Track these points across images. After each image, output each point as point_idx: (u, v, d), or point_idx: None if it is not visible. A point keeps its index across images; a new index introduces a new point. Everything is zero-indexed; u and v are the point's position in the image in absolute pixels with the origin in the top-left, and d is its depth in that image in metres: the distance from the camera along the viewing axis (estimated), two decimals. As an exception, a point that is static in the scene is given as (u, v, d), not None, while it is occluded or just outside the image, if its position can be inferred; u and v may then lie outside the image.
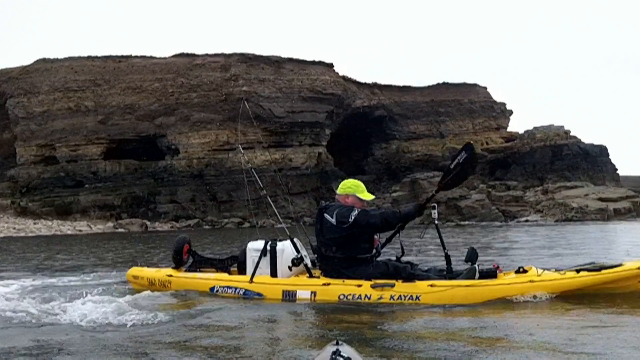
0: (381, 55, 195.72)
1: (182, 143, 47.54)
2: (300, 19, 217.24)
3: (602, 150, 53.47)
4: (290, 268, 5.67)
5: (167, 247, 17.96)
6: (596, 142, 53.84)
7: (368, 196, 5.72)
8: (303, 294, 5.44)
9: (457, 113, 59.21)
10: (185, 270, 6.43)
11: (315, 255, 5.77)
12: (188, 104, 47.85)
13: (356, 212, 5.42)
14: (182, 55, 50.86)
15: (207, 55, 50.54)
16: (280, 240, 5.89)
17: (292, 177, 46.28)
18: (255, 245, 5.87)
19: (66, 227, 40.04)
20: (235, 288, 5.79)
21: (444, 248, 5.50)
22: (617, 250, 12.27)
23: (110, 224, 41.90)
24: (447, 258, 5.48)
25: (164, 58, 50.73)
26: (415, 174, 47.10)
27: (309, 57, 52.15)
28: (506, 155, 54.35)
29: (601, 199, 39.46)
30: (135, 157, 48.28)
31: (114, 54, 50.96)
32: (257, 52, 50.62)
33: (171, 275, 6.30)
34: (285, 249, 5.73)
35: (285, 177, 44.48)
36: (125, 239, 25.50)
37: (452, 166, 5.59)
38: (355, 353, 2.15)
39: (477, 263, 5.42)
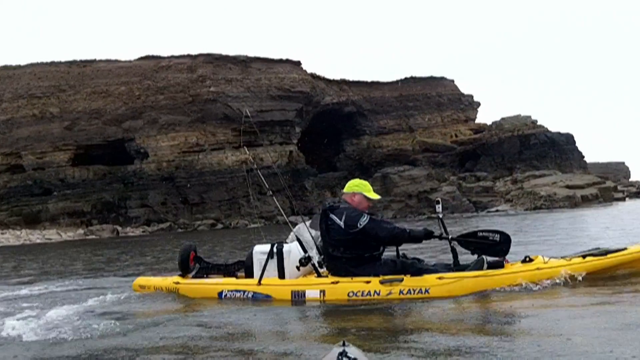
0: (348, 52, 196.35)
1: (151, 146, 47.01)
2: (266, 17, 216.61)
3: (569, 139, 54.35)
4: (298, 268, 5.66)
5: (137, 252, 17.80)
6: (562, 131, 54.72)
7: (374, 195, 5.77)
8: (312, 293, 5.43)
9: (425, 107, 59.74)
10: (192, 277, 6.39)
11: (322, 256, 5.75)
12: (155, 107, 47.31)
13: (366, 219, 5.39)
14: (147, 57, 50.20)
15: (172, 57, 50.07)
16: (287, 243, 5.90)
17: (264, 177, 46.06)
18: (261, 249, 5.88)
19: (35, 236, 39.25)
20: (244, 291, 5.76)
21: (450, 242, 5.49)
22: (586, 236, 12.48)
23: (80, 231, 41.22)
24: (454, 251, 5.48)
25: (129, 61, 50.03)
26: (386, 169, 47.52)
27: (276, 56, 52.16)
28: (475, 147, 54.95)
29: (569, 187, 40.20)
30: (103, 163, 47.45)
31: (78, 58, 50.10)
32: (224, 52, 50.41)
33: (178, 283, 6.26)
34: (292, 250, 5.73)
35: (257, 176, 44.30)
36: (96, 246, 25.19)
37: (479, 234, 5.49)
38: (362, 354, 2.15)
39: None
